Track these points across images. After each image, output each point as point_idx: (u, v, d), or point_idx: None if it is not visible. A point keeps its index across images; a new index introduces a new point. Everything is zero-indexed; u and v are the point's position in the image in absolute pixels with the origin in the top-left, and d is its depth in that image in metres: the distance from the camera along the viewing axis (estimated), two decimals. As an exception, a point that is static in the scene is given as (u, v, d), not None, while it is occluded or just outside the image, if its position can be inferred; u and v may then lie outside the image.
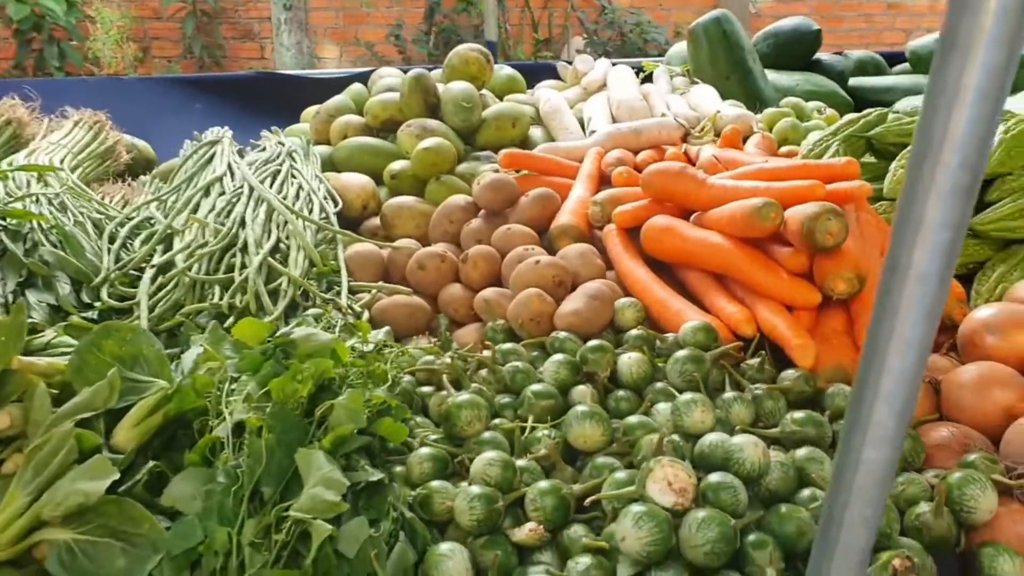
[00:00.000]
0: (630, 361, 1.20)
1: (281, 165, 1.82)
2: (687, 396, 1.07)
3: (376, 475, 0.94)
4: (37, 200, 1.61)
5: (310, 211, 1.70)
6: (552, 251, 1.58)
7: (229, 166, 1.76)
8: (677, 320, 1.32)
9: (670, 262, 1.49)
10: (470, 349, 1.34)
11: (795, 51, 2.57)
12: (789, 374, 1.19)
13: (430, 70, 2.39)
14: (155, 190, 1.95)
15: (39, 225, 1.50)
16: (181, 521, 0.87)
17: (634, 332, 1.30)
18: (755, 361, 1.23)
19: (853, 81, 2.60)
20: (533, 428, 1.10)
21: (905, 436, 0.70)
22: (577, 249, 1.50)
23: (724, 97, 2.31)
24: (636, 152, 1.92)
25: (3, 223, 1.46)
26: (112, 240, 1.57)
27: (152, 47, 7.61)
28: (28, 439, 0.99)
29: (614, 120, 2.11)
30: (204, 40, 7.51)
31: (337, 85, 2.44)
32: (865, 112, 1.77)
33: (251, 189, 1.61)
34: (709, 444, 0.99)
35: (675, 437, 1.04)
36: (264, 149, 1.95)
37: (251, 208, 1.56)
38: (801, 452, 1.03)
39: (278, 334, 1.15)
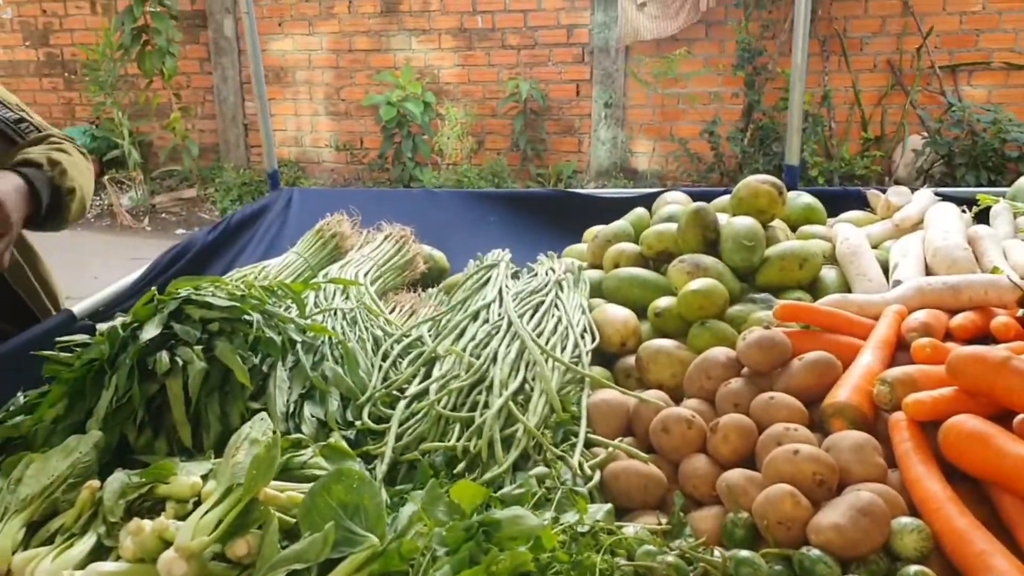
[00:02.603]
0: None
1: (547, 296, 1.84)
2: None
3: None
4: (335, 314, 1.81)
5: (564, 347, 1.68)
6: (823, 433, 1.36)
7: (500, 292, 1.83)
8: (978, 564, 1.04)
9: (979, 478, 1.19)
10: (703, 543, 1.19)
11: None
12: None
13: (724, 192, 2.29)
14: (439, 302, 2.09)
15: (329, 339, 1.68)
16: None
17: (913, 569, 1.05)
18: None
19: None
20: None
21: None
22: (852, 440, 1.27)
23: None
24: (952, 314, 1.62)
25: (304, 336, 1.66)
26: (385, 358, 1.70)
27: (486, 140, 8.49)
28: (257, 570, 1.07)
29: (928, 270, 1.81)
30: (529, 135, 8.19)
31: (625, 206, 2.44)
32: None
33: (509, 323, 1.64)
34: None
35: None
36: (536, 275, 1.99)
37: (506, 343, 1.59)
38: None
39: (497, 492, 1.12)
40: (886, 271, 1.89)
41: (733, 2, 7.30)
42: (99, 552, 1.13)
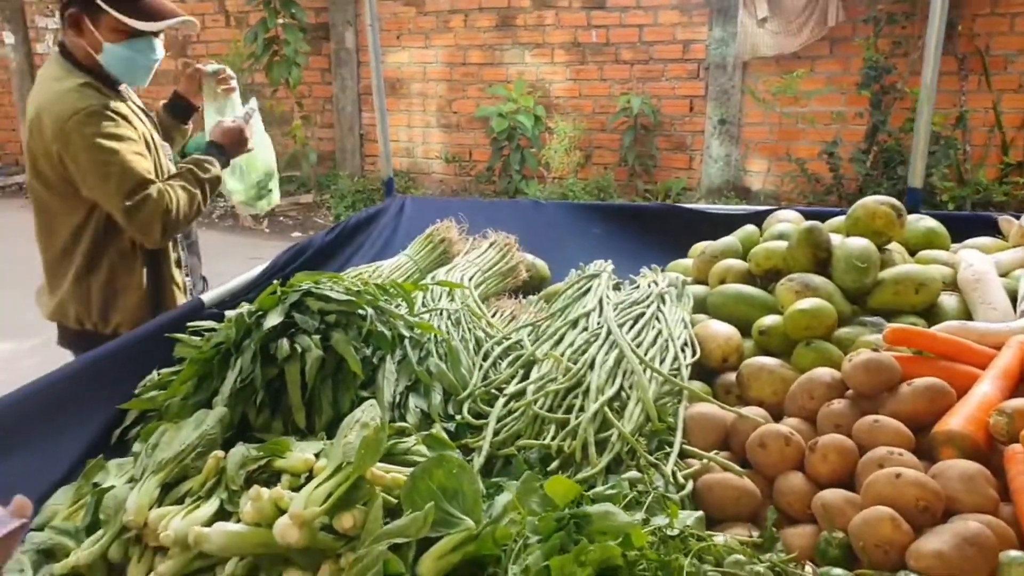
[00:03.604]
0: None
1: (647, 308, 1.85)
2: None
3: None
4: (440, 314, 1.89)
5: (663, 359, 1.69)
6: (931, 461, 1.31)
7: (600, 302, 1.86)
8: (1089, 604, 0.99)
9: (1097, 516, 1.13)
10: (795, 558, 1.17)
11: None
12: None
13: (840, 213, 2.23)
14: (539, 310, 2.14)
15: (434, 336, 1.76)
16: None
17: (1019, 604, 1.01)
18: None
19: None
20: None
21: None
22: (962, 469, 1.23)
23: None
24: (1084, 347, 1.52)
25: (412, 332, 1.74)
26: (485, 358, 1.76)
27: (593, 155, 8.51)
28: (361, 542, 1.14)
29: (1058, 300, 1.71)
30: (639, 150, 8.15)
31: (735, 222, 2.41)
32: None
33: (608, 331, 1.67)
34: None
35: None
36: (638, 287, 2.01)
37: (604, 351, 1.62)
38: None
39: (590, 491, 1.15)
40: (1014, 301, 1.80)
41: (862, 18, 7.02)
42: (222, 514, 1.23)
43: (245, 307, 1.68)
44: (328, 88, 9.47)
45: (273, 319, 1.58)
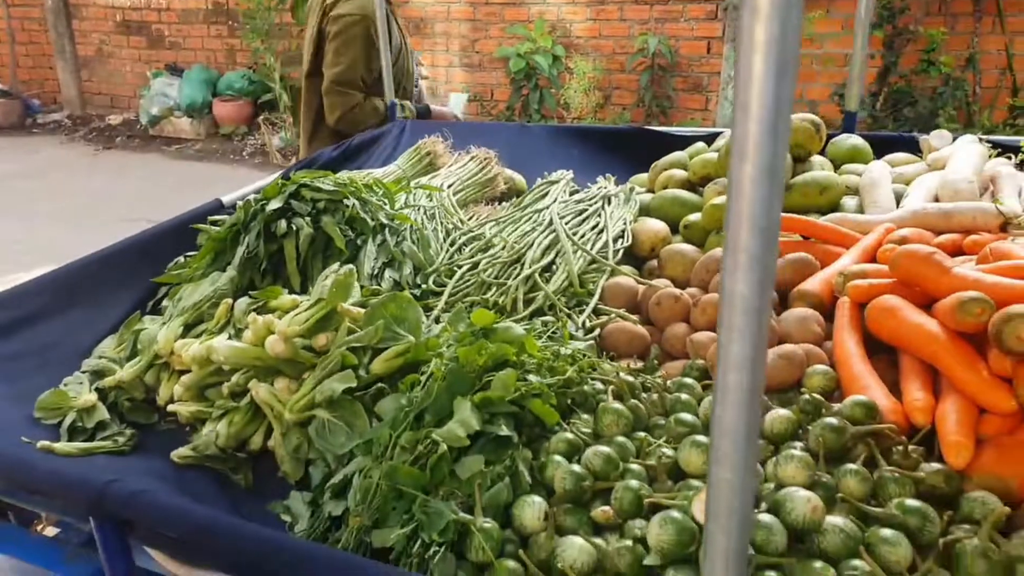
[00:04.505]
0: (774, 417, 1.28)
1: (592, 206, 2.19)
2: (788, 451, 1.14)
3: (504, 432, 1.24)
4: (418, 210, 2.25)
5: (594, 245, 2.04)
6: (789, 313, 1.65)
7: (554, 200, 2.20)
8: (855, 386, 1.33)
9: (889, 343, 1.46)
10: (664, 376, 1.53)
11: None
12: (930, 466, 1.14)
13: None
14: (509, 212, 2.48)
15: (411, 227, 2.12)
16: (377, 424, 1.30)
17: (805, 396, 1.35)
18: (911, 448, 1.20)
19: None
20: (659, 445, 1.27)
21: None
22: (799, 313, 1.57)
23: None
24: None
25: (391, 222, 2.11)
26: (452, 244, 2.12)
27: (613, 95, 8.69)
28: (331, 351, 1.52)
29: (936, 201, 2.00)
30: (655, 91, 8.32)
31: (697, 142, 2.70)
32: None
33: (550, 221, 2.02)
34: (769, 489, 1.06)
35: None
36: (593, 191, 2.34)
37: (544, 235, 1.96)
38: (884, 532, 1.03)
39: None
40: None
41: (877, -41, 7.05)
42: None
43: (252, 196, 2.05)
44: (355, 26, 9.71)
45: (274, 204, 1.96)
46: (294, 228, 1.92)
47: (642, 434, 1.33)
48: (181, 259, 2.16)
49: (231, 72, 10.08)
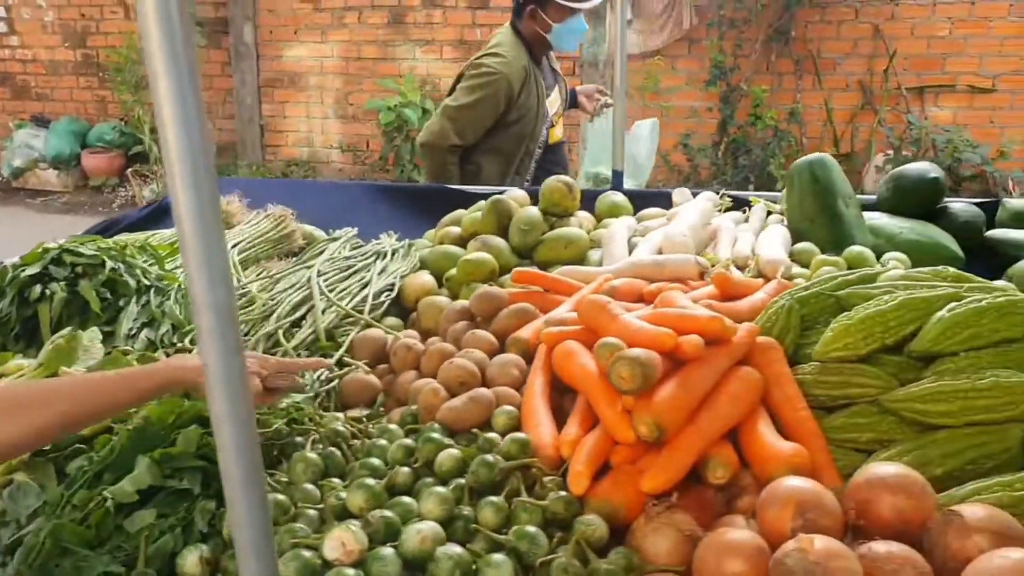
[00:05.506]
0: (443, 456, 1.43)
1: (362, 262, 2.33)
2: (430, 489, 1.28)
3: (183, 486, 1.33)
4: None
5: (364, 299, 2.17)
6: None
7: (320, 257, 2.33)
8: (529, 422, 1.50)
9: (568, 384, 1.64)
10: (387, 421, 1.66)
11: (914, 198, 2.39)
12: (555, 495, 1.31)
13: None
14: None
15: (179, 286, 2.20)
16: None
17: (485, 435, 1.51)
18: (546, 479, 1.36)
19: (996, 233, 2.32)
20: (333, 488, 1.39)
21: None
22: (501, 359, 1.74)
23: (811, 239, 2.28)
24: (656, 284, 2.05)
25: (159, 283, 2.18)
26: (221, 302, 2.21)
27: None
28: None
29: (660, 252, 2.24)
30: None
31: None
32: (856, 271, 1.71)
33: (309, 278, 2.14)
34: (388, 525, 1.20)
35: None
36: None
37: (298, 290, 2.09)
38: (495, 556, 1.18)
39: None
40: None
41: (707, 22, 7.69)
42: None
43: (10, 261, 2.09)
44: (228, 80, 9.71)
45: (30, 270, 2.00)
46: (48, 293, 1.97)
47: (337, 480, 1.44)
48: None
49: (102, 123, 9.85)
